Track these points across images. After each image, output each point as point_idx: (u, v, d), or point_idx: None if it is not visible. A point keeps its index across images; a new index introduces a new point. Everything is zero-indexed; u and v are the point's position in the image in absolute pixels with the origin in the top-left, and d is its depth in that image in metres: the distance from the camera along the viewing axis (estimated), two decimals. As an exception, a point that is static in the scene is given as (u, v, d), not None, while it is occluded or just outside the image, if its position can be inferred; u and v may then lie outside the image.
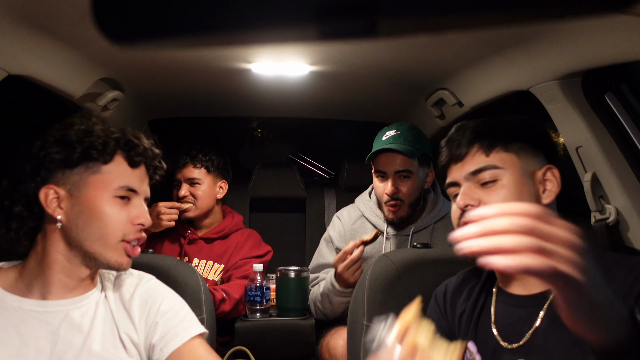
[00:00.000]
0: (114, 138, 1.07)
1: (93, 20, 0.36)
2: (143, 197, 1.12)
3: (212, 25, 0.35)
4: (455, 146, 1.04)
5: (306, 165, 3.87)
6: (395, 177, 1.84)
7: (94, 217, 1.03)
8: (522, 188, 0.98)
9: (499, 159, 1.00)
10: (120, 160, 1.08)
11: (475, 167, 1.01)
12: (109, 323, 1.06)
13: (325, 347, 1.84)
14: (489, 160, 1.00)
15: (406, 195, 1.85)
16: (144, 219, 1.09)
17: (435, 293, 1.19)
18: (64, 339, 1.00)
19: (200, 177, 2.13)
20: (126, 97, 2.04)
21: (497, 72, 1.60)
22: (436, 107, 2.12)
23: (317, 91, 2.17)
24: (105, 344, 1.03)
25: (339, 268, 1.75)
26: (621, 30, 1.12)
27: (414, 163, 1.85)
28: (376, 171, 1.90)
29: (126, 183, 1.07)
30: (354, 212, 2.05)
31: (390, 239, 1.94)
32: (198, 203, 2.12)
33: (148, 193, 1.15)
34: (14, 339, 0.97)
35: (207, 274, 2.08)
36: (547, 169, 1.02)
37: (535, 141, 1.04)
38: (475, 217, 0.63)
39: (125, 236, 1.06)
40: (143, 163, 1.12)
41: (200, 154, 2.15)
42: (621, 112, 1.42)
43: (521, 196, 0.97)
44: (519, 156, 1.01)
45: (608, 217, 1.44)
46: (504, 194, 0.98)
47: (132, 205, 1.08)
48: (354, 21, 0.35)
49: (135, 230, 1.08)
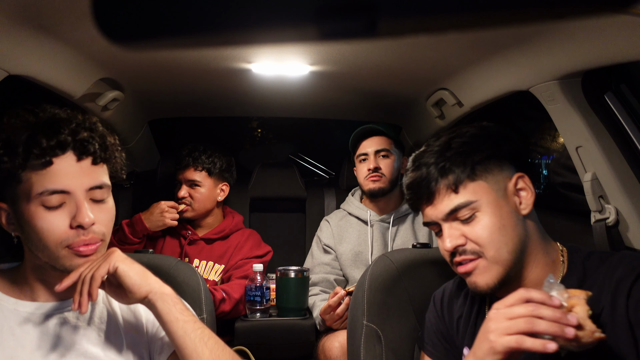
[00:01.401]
0: (22, 140, 0.92)
1: (93, 20, 0.36)
2: (84, 193, 0.96)
3: (212, 25, 0.35)
4: (421, 187, 1.00)
5: (306, 165, 3.86)
6: (377, 156, 2.09)
7: (30, 231, 0.95)
8: (501, 211, 0.96)
9: (469, 192, 0.97)
10: (35, 163, 0.92)
11: (449, 208, 0.98)
12: (107, 323, 1.06)
13: (321, 349, 1.84)
14: (460, 197, 0.97)
15: (386, 171, 2.07)
16: (82, 221, 0.94)
17: (433, 296, 1.19)
18: (60, 340, 1.00)
19: (200, 180, 2.12)
20: (126, 97, 2.04)
21: (497, 72, 1.60)
22: (436, 107, 2.13)
23: (317, 91, 2.17)
24: (102, 344, 1.03)
25: (326, 320, 1.84)
26: (621, 30, 1.12)
27: (392, 144, 2.12)
28: (358, 155, 2.13)
29: (46, 187, 0.92)
30: (339, 213, 2.23)
31: (374, 225, 2.10)
32: (195, 205, 2.12)
33: (100, 181, 0.98)
34: (9, 342, 0.97)
35: (208, 274, 2.08)
36: (517, 178, 0.99)
37: (498, 153, 1.00)
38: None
39: (67, 242, 0.95)
40: (71, 150, 0.95)
41: (203, 156, 2.13)
42: (621, 112, 1.42)
43: (502, 220, 0.96)
44: (487, 180, 0.98)
45: (608, 217, 1.44)
46: (486, 224, 0.96)
47: (68, 207, 0.95)
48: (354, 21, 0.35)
49: (78, 235, 0.95)
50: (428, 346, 1.17)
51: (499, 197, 0.97)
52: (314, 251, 2.16)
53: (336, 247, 2.10)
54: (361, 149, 2.12)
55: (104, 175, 1.01)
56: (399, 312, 1.29)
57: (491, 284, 0.96)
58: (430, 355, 1.16)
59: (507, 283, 0.97)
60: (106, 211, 1.00)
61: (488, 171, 0.98)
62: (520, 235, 0.97)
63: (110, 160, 1.03)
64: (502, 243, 0.95)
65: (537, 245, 0.99)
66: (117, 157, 1.05)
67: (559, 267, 0.99)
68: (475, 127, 1.03)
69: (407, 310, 1.29)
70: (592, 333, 0.79)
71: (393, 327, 1.27)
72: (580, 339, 0.78)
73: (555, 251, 1.01)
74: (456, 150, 0.99)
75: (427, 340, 1.17)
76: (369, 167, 2.07)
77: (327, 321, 1.85)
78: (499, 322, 0.82)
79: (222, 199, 2.20)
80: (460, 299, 1.12)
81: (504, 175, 0.99)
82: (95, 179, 0.98)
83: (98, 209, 0.98)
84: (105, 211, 1.00)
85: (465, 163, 0.97)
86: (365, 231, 2.10)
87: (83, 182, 0.96)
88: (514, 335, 0.79)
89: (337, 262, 2.10)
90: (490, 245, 0.95)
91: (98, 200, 0.99)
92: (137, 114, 2.44)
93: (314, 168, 3.80)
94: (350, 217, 2.16)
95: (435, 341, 1.15)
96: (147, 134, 2.76)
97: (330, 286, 2.04)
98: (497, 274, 0.96)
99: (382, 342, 1.26)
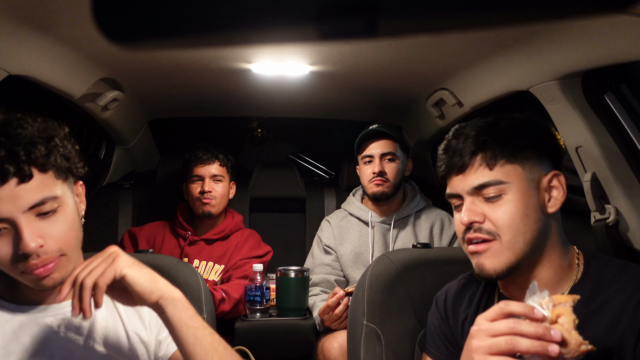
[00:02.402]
0: None
1: (93, 20, 0.36)
2: (24, 215, 0.86)
3: (212, 25, 0.35)
4: (457, 156, 0.99)
5: (306, 165, 3.87)
6: (382, 160, 2.06)
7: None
8: (528, 201, 0.94)
9: (503, 172, 0.95)
10: None
11: (478, 182, 0.95)
12: (112, 323, 1.05)
13: (320, 350, 1.84)
14: (493, 174, 0.95)
15: (391, 176, 2.05)
16: (25, 250, 0.86)
17: (436, 298, 1.18)
18: (64, 341, 0.99)
19: (222, 175, 2.16)
20: (126, 97, 2.04)
21: (497, 72, 1.61)
22: (436, 107, 2.13)
23: (317, 91, 2.18)
24: (107, 344, 1.03)
25: (325, 320, 1.84)
26: (621, 30, 1.12)
27: (398, 148, 2.08)
28: (363, 157, 2.10)
29: None
30: (340, 213, 2.22)
31: (375, 226, 2.09)
32: (219, 200, 2.14)
33: (40, 197, 0.87)
34: (14, 347, 0.96)
35: (207, 274, 2.08)
36: (553, 175, 0.97)
37: (541, 146, 0.98)
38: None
39: (20, 269, 0.89)
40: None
41: (221, 154, 2.18)
42: (621, 112, 1.42)
43: (527, 210, 0.94)
44: (523, 167, 0.96)
45: (608, 217, 1.44)
46: (510, 208, 0.94)
47: (10, 233, 0.87)
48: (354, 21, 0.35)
49: (27, 260, 0.88)
50: (431, 348, 1.15)
51: (529, 187, 0.96)
52: (314, 251, 2.16)
53: (337, 248, 2.10)
54: (367, 151, 2.09)
55: (47, 186, 0.89)
56: (399, 312, 1.29)
57: (499, 270, 0.95)
58: (433, 357, 1.14)
59: (513, 273, 0.95)
60: (60, 223, 0.91)
61: (527, 159, 0.96)
62: (540, 230, 0.95)
63: (49, 164, 0.89)
64: (520, 231, 0.93)
65: (555, 246, 0.97)
66: (60, 152, 0.91)
67: (572, 272, 0.97)
68: (524, 116, 1.02)
69: (407, 310, 1.29)
70: (579, 346, 0.75)
71: (393, 327, 1.27)
72: (565, 355, 0.75)
73: (572, 256, 0.99)
74: (502, 129, 0.98)
75: (430, 342, 1.16)
76: (374, 170, 2.04)
77: (325, 321, 1.85)
78: (480, 340, 0.80)
79: (232, 197, 2.24)
80: (465, 301, 1.11)
81: (541, 169, 0.98)
82: (31, 196, 0.86)
83: (48, 224, 0.90)
84: (58, 223, 0.91)
85: (508, 143, 0.96)
86: (366, 232, 2.09)
87: (17, 205, 0.85)
88: (497, 356, 0.77)
89: (338, 263, 2.09)
90: (509, 229, 0.94)
91: (47, 212, 0.89)
92: (137, 114, 2.44)
93: (314, 168, 3.80)
94: (351, 218, 2.16)
95: (438, 343, 1.14)
96: (147, 134, 2.76)
97: (331, 287, 2.04)
98: (507, 260, 0.94)
99: (382, 342, 1.26)
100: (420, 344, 1.23)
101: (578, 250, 1.00)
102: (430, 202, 2.19)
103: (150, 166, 2.80)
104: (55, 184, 0.91)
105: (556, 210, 0.97)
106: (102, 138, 2.53)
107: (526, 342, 0.75)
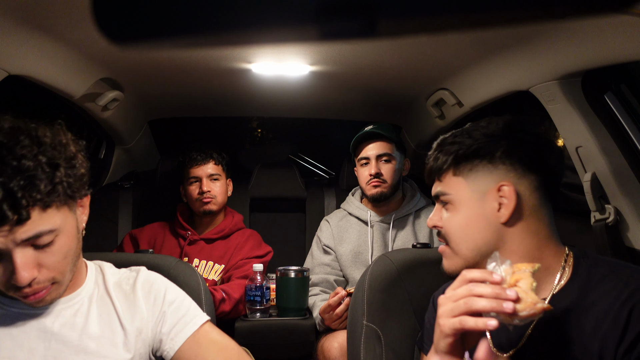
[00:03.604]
0: None
1: (93, 20, 0.36)
2: (19, 248, 0.84)
3: (212, 25, 0.35)
4: (432, 160, 1.05)
5: (306, 165, 3.87)
6: (378, 161, 2.06)
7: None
8: (469, 211, 0.97)
9: (448, 184, 1.01)
10: None
11: (434, 192, 1.04)
12: (106, 319, 1.05)
13: (320, 349, 1.85)
14: (441, 185, 1.02)
15: (388, 177, 2.06)
16: (18, 283, 0.85)
17: (433, 297, 1.18)
18: (57, 338, 0.99)
19: (219, 173, 2.18)
20: (126, 97, 2.04)
21: (497, 72, 1.61)
22: (436, 107, 2.13)
23: (317, 91, 2.18)
24: (101, 340, 1.02)
25: (325, 320, 1.85)
26: (621, 30, 1.12)
27: (393, 148, 2.08)
28: (360, 159, 2.10)
29: None
30: (339, 213, 2.22)
31: (374, 226, 2.09)
32: (218, 198, 2.15)
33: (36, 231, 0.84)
34: (6, 342, 0.96)
35: (207, 274, 2.08)
36: (499, 186, 0.95)
37: (490, 154, 0.97)
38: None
39: (13, 292, 0.89)
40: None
41: (215, 152, 2.19)
42: (621, 112, 1.42)
43: (468, 219, 0.98)
44: (467, 178, 0.98)
45: (608, 217, 1.44)
46: (453, 217, 0.99)
47: (5, 262, 0.86)
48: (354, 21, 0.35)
49: (20, 289, 0.88)
50: (429, 347, 1.16)
51: (473, 197, 0.97)
52: (313, 251, 2.17)
53: (336, 248, 2.10)
54: (362, 153, 2.10)
55: (46, 220, 0.86)
56: (399, 312, 1.29)
57: (453, 271, 1.00)
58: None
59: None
60: (55, 253, 0.89)
61: (474, 171, 0.97)
62: (485, 239, 0.96)
63: (50, 202, 0.85)
64: (461, 239, 0.98)
65: (518, 251, 0.95)
66: (64, 183, 0.87)
67: (555, 274, 0.95)
68: (485, 122, 1.01)
69: (407, 310, 1.29)
70: (534, 304, 0.78)
71: (393, 327, 1.27)
72: (519, 312, 0.78)
73: (560, 258, 0.97)
74: (452, 141, 1.02)
75: (427, 341, 1.16)
76: (371, 172, 2.05)
77: (325, 320, 1.85)
78: (445, 305, 0.85)
79: (230, 194, 2.25)
80: None
81: (490, 180, 0.96)
82: (28, 232, 0.84)
83: (43, 253, 0.88)
84: (53, 254, 0.89)
85: (453, 154, 1.00)
86: (365, 232, 2.10)
87: (12, 238, 0.83)
88: (457, 317, 0.82)
89: (337, 263, 2.10)
90: (452, 236, 1.00)
91: (43, 244, 0.87)
92: (137, 114, 2.44)
93: (314, 168, 3.81)
94: (350, 217, 2.16)
95: None
96: (147, 134, 2.76)
97: (330, 287, 2.04)
98: (457, 263, 1.00)
99: (382, 342, 1.26)
100: (418, 343, 1.23)
101: (568, 251, 0.98)
102: (430, 200, 2.19)
103: (150, 166, 2.80)
104: (56, 215, 0.88)
105: (506, 220, 0.95)
106: (102, 138, 2.53)
107: (482, 301, 0.80)
